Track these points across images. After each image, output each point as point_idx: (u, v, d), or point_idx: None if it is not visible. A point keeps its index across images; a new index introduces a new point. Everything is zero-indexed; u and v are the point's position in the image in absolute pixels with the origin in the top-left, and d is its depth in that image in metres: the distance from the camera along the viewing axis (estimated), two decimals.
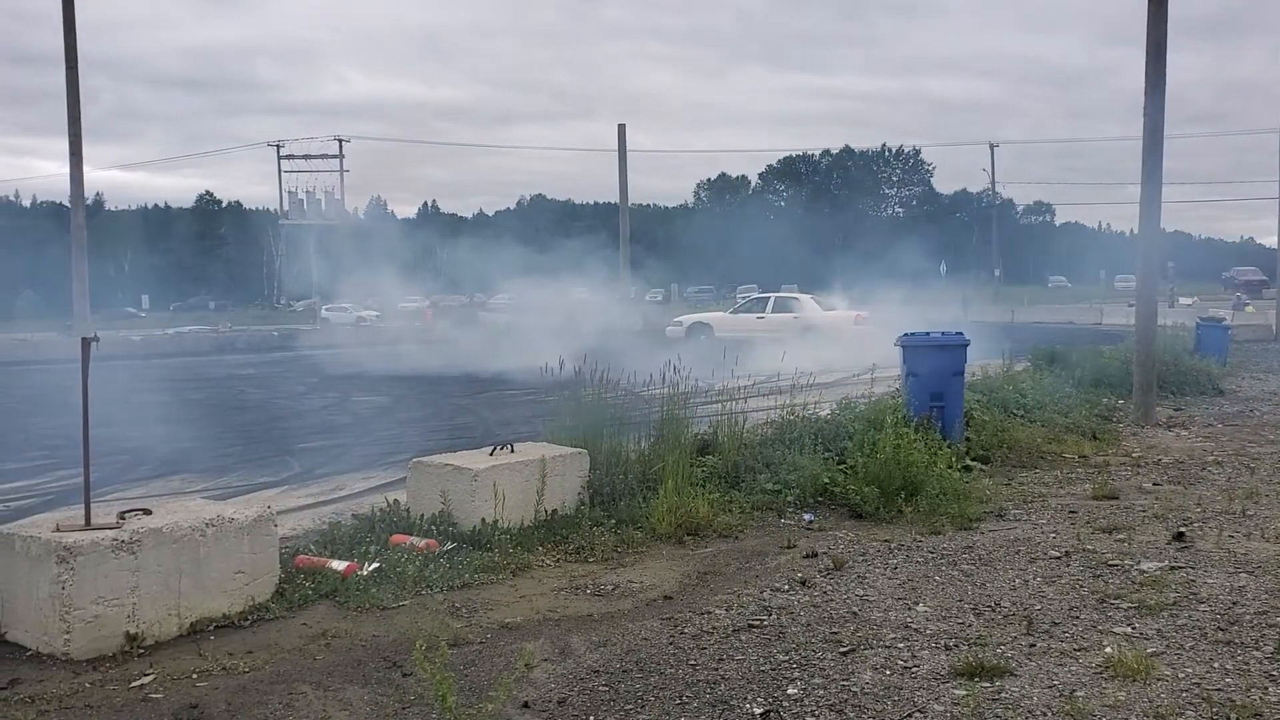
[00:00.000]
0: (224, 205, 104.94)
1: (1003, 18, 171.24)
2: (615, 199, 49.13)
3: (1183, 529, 6.35)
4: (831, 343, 21.75)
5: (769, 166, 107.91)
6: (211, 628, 4.69)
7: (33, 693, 4.00)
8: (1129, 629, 4.60)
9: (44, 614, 4.39)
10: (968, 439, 9.07)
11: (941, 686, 3.98)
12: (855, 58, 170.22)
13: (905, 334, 9.72)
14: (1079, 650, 4.34)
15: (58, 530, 4.55)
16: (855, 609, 4.94)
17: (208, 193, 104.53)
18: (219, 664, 4.29)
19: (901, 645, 4.44)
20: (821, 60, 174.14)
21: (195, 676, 4.16)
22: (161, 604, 4.58)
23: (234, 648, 4.48)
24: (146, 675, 4.17)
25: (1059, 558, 5.81)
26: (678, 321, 28.32)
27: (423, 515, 6.27)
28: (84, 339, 4.80)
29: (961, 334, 9.64)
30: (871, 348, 14.10)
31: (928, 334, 9.64)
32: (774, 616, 4.84)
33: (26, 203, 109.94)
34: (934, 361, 9.26)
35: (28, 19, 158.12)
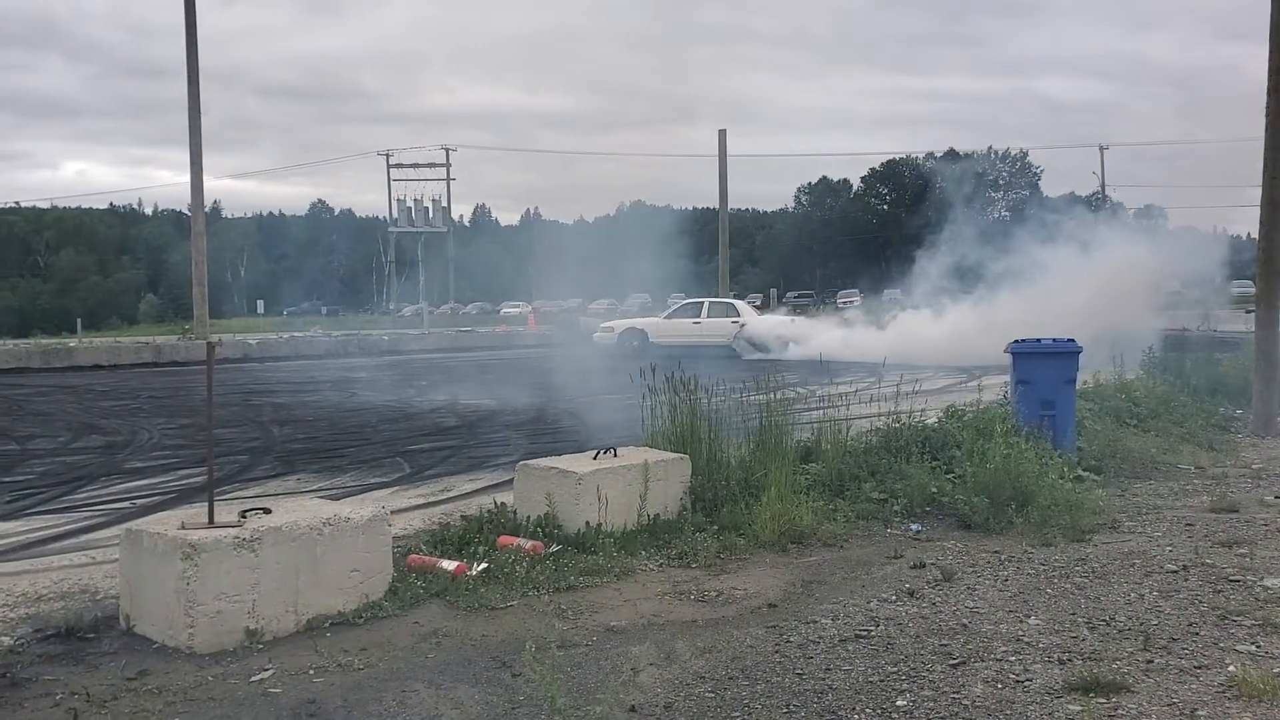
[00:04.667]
0: (336, 213, 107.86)
1: (1112, 15, 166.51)
2: (714, 204, 49.10)
3: None
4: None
5: (871, 169, 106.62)
6: (327, 625, 4.82)
7: (159, 684, 4.16)
8: (1253, 647, 4.44)
9: (169, 608, 4.56)
10: (1079, 448, 8.85)
11: (1055, 702, 3.90)
12: (959, 58, 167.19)
13: (1015, 341, 9.53)
14: (1199, 668, 4.21)
15: (183, 528, 4.72)
16: (965, 621, 4.87)
17: (320, 200, 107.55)
18: (335, 661, 4.41)
19: (1013, 658, 4.36)
20: (924, 61, 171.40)
21: (312, 672, 4.29)
22: (280, 601, 4.72)
23: (349, 645, 4.60)
24: (266, 670, 4.31)
25: (1176, 572, 5.64)
26: (608, 327, 27.77)
27: (528, 517, 6.37)
28: (208, 343, 4.98)
29: (1073, 341, 9.41)
30: None
31: (1038, 341, 9.43)
32: (881, 627, 4.79)
33: (148, 211, 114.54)
34: (1045, 369, 9.07)
35: (144, 32, 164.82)
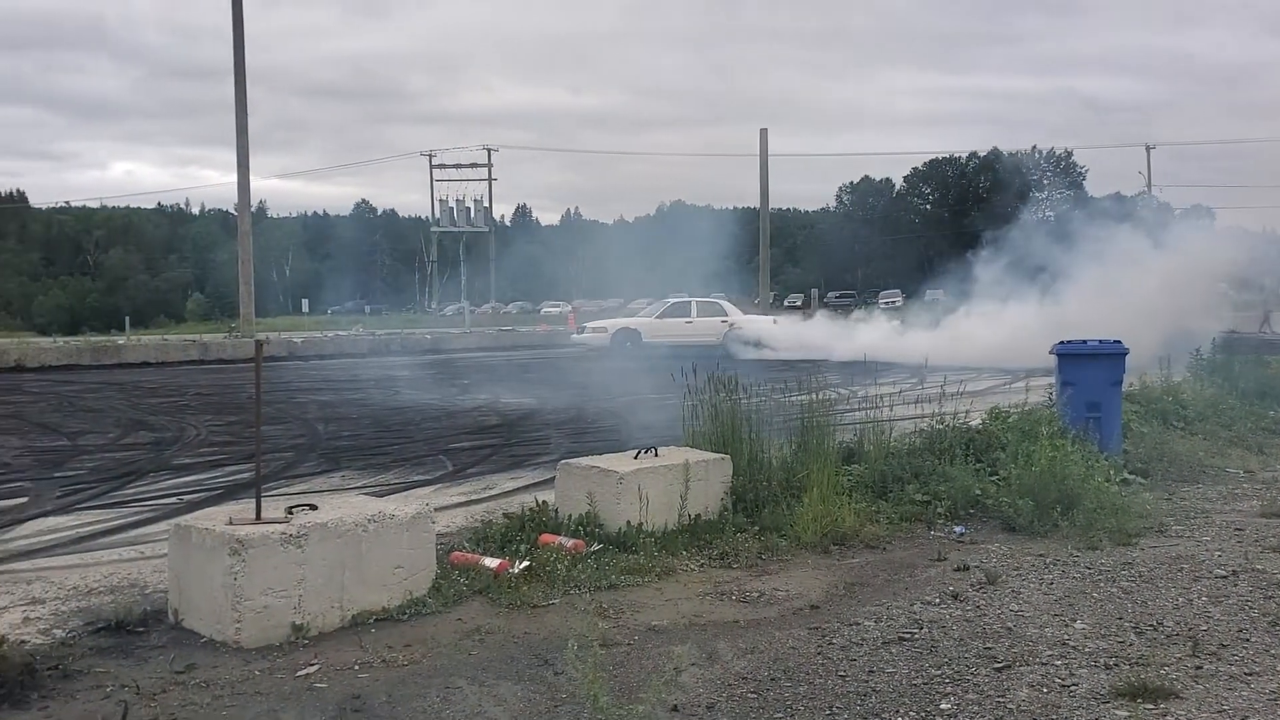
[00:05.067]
0: (379, 213, 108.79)
1: (1157, 13, 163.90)
2: (755, 203, 49.02)
3: None
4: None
5: (913, 169, 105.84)
6: (371, 620, 4.86)
7: (207, 678, 4.22)
8: None
9: (217, 603, 4.62)
10: (1125, 451, 8.75)
11: (1102, 707, 3.86)
12: (1002, 57, 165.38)
13: (1061, 342, 9.43)
14: (1250, 675, 4.15)
15: (230, 523, 4.78)
16: (1009, 624, 4.83)
17: (364, 200, 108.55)
18: (379, 656, 4.45)
19: (1059, 663, 4.32)
20: (967, 60, 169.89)
21: (357, 668, 4.33)
22: (325, 596, 4.77)
23: (393, 640, 4.64)
24: (311, 665, 4.36)
25: (1225, 577, 5.56)
26: (600, 327, 27.15)
27: (570, 516, 6.39)
28: (257, 341, 5.05)
29: (1119, 342, 9.30)
30: None
31: (1084, 342, 9.32)
32: (925, 630, 4.76)
33: (195, 210, 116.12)
34: (1091, 371, 8.97)
35: (191, 34, 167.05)
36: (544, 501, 6.67)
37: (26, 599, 5.34)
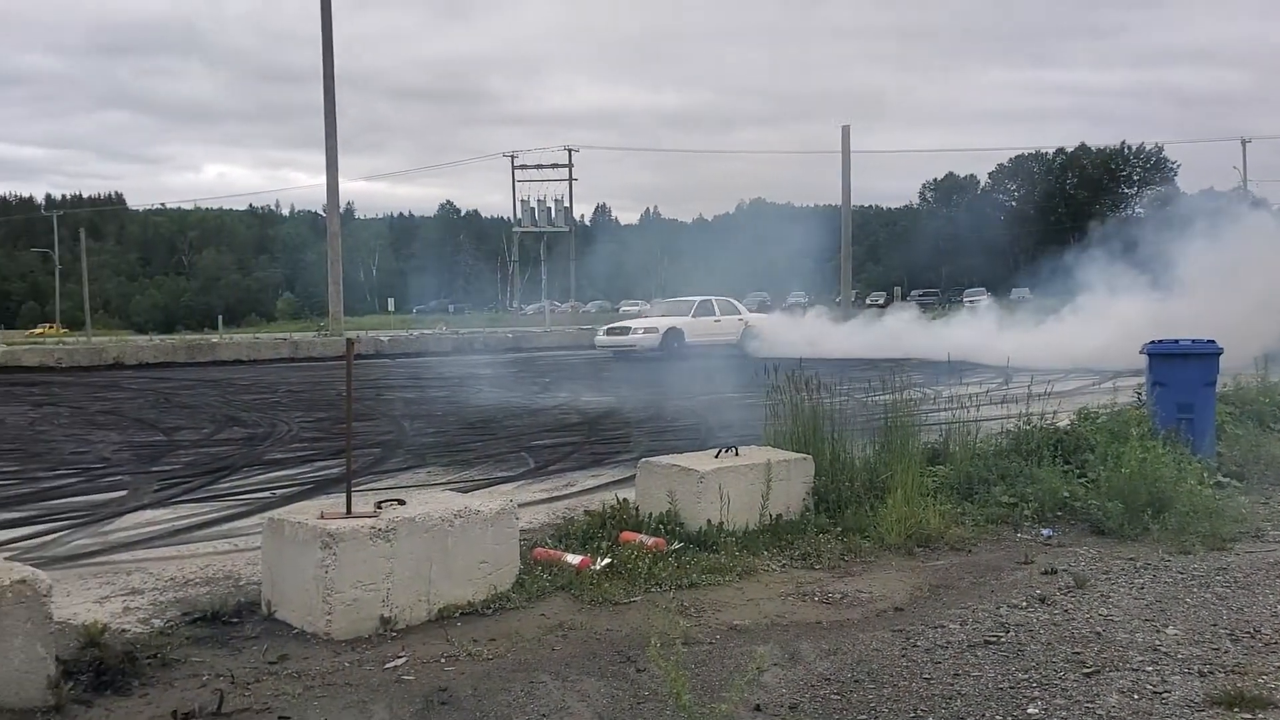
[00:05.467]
0: (463, 214, 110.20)
1: (1252, 2, 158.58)
2: (836, 201, 48.61)
3: None
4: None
5: (999, 165, 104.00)
6: (457, 614, 4.93)
7: (298, 669, 4.32)
8: None
9: (308, 595, 4.72)
10: (1219, 454, 8.49)
11: (1195, 715, 3.76)
12: (1091, 50, 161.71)
13: (1152, 341, 9.20)
14: None
15: (322, 517, 4.89)
16: (1099, 629, 4.74)
17: (448, 201, 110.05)
18: (464, 650, 4.52)
19: (1150, 669, 4.23)
20: (1054, 53, 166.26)
21: (443, 661, 4.40)
22: (412, 590, 4.86)
23: (478, 635, 4.71)
24: (399, 658, 4.44)
25: None
26: (651, 328, 26.33)
27: (650, 514, 6.41)
28: (348, 339, 5.16)
29: (1213, 342, 9.04)
30: None
31: (1176, 341, 9.08)
32: (1012, 633, 4.69)
33: (285, 211, 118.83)
34: (1183, 371, 8.73)
35: (280, 37, 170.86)
36: (625, 499, 6.70)
37: (126, 589, 5.53)
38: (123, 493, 8.34)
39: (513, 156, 63.00)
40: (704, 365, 20.29)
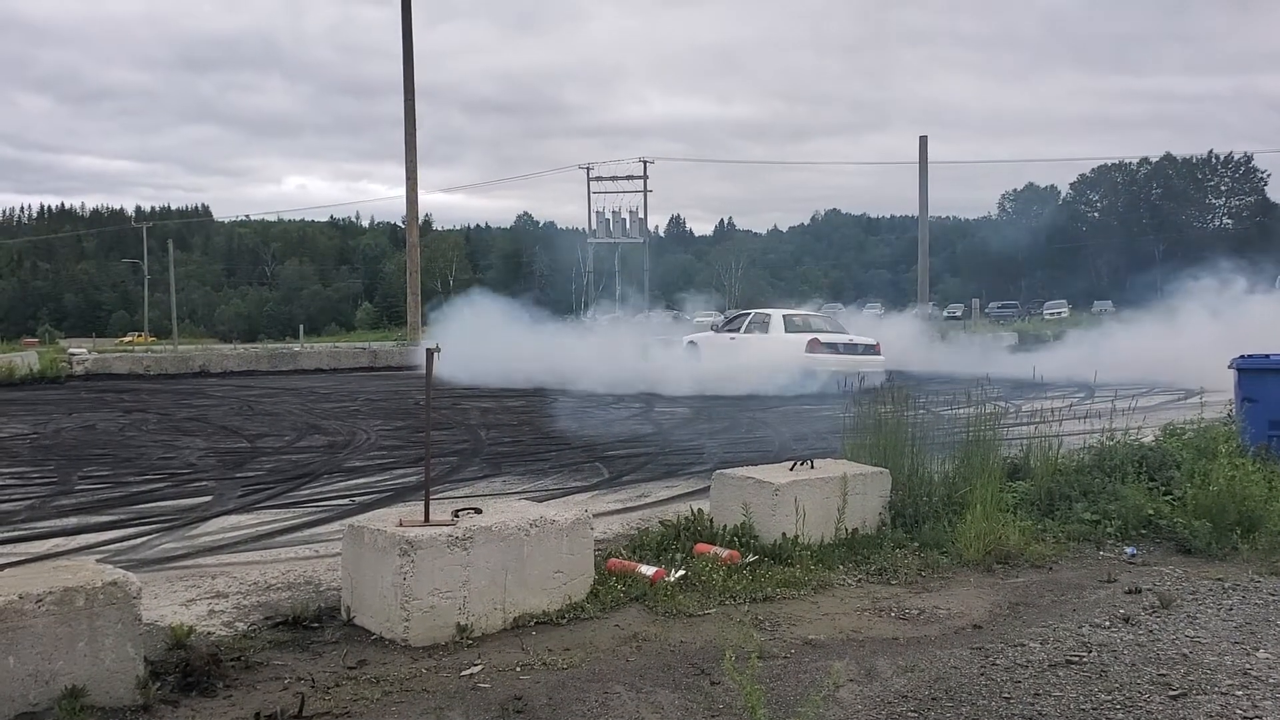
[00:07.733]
0: (540, 225, 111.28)
1: None
2: (913, 211, 48.08)
3: None
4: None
5: (1081, 175, 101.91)
6: (532, 623, 4.97)
7: (377, 674, 4.38)
8: None
9: (387, 602, 4.79)
10: None
11: None
12: (1177, 57, 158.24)
13: (1242, 356, 8.95)
14: None
15: (400, 525, 4.96)
16: (1185, 651, 4.61)
17: (525, 213, 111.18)
18: (539, 659, 4.54)
19: (1240, 693, 4.10)
20: (1138, 60, 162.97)
21: (519, 669, 4.43)
22: (488, 598, 4.90)
23: (553, 644, 4.73)
24: (475, 665, 4.48)
25: None
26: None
27: (724, 526, 6.40)
28: (428, 349, 5.23)
29: None
30: None
31: (1267, 356, 8.83)
32: (1094, 654, 4.59)
33: (365, 223, 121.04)
34: (1274, 386, 8.48)
35: (358, 52, 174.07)
36: (699, 510, 6.69)
37: (211, 593, 5.66)
38: (208, 498, 8.54)
39: (588, 168, 63.53)
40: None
